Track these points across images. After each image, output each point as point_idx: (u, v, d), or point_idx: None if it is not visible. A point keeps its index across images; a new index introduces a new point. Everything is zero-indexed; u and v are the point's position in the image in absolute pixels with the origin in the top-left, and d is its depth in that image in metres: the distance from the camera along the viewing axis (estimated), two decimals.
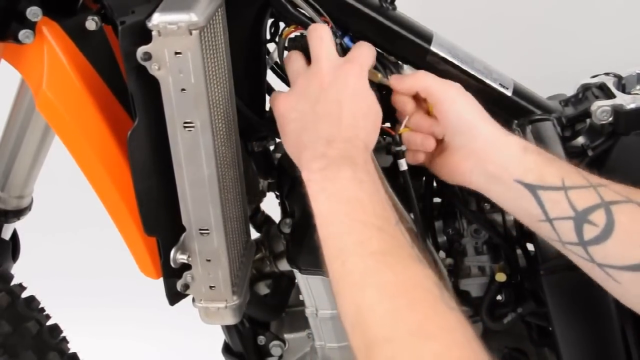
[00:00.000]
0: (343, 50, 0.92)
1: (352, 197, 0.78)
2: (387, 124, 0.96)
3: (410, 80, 0.92)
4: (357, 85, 0.86)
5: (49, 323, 1.11)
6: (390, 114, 0.95)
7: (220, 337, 1.24)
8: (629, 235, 0.80)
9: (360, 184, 0.79)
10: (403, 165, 0.94)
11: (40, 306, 1.11)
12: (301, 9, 0.93)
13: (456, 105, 0.89)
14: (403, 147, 0.94)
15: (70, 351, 1.14)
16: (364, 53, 0.90)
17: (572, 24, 1.87)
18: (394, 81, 0.92)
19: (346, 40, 0.94)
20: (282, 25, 1.01)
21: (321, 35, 0.89)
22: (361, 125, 0.85)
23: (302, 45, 0.94)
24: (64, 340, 1.13)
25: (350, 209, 0.77)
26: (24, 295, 1.10)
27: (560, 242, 0.84)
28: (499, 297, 1.08)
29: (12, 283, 1.10)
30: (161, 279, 0.94)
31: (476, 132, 0.88)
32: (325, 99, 0.85)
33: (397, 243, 0.75)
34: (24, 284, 1.12)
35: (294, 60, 0.92)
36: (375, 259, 0.73)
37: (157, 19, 0.77)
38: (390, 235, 0.76)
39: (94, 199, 0.93)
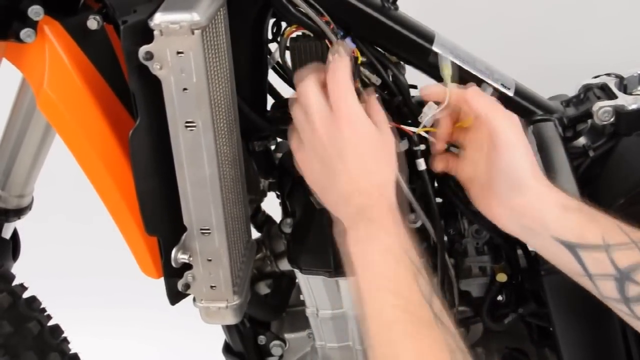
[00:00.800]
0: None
1: (370, 262, 0.80)
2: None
3: (463, 96, 0.89)
4: (352, 131, 0.84)
5: (50, 323, 1.11)
6: (403, 116, 0.94)
7: (220, 337, 1.24)
8: None
9: (375, 244, 0.80)
10: (421, 165, 0.94)
11: (42, 306, 1.11)
12: (302, 9, 0.93)
13: (513, 154, 0.85)
14: (421, 147, 0.94)
15: (71, 352, 1.14)
16: (339, 81, 0.85)
17: (574, 24, 1.87)
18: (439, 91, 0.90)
19: (348, 41, 0.94)
20: (284, 25, 1.01)
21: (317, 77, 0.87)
22: (372, 168, 0.84)
23: (302, 46, 0.94)
24: (65, 340, 1.13)
25: (369, 275, 0.79)
26: (25, 295, 1.10)
27: (601, 296, 0.83)
28: (499, 298, 1.08)
29: (14, 283, 1.10)
30: (162, 279, 0.94)
31: (524, 189, 0.85)
32: (330, 155, 0.84)
33: (412, 308, 0.76)
34: (25, 284, 1.12)
35: (296, 112, 0.88)
36: (390, 329, 0.76)
37: (159, 19, 0.77)
38: (406, 299, 0.77)
39: (94, 198, 0.93)
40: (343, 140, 0.84)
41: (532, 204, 0.85)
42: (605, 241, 0.81)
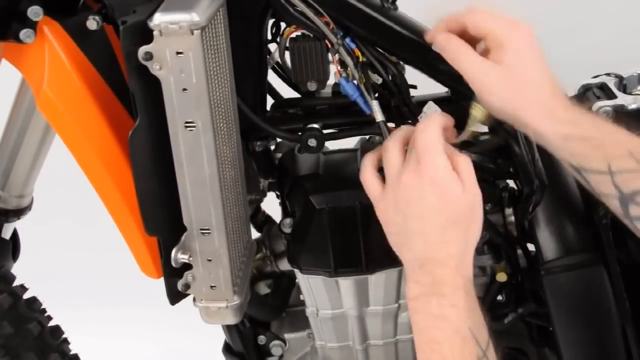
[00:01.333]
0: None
1: (434, 339, 0.79)
2: None
3: (465, 21, 0.87)
4: (437, 194, 0.81)
5: (50, 324, 1.11)
6: (403, 116, 0.95)
7: (220, 337, 1.24)
8: None
9: (443, 323, 0.79)
10: None
11: (42, 307, 1.11)
12: (302, 9, 0.93)
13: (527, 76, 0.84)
14: None
15: (72, 352, 1.14)
16: (428, 138, 0.82)
17: (573, 23, 1.87)
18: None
19: (347, 41, 0.94)
20: (283, 25, 1.01)
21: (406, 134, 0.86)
22: (451, 238, 0.81)
23: (302, 46, 0.94)
24: (65, 341, 1.13)
25: (429, 353, 0.79)
26: (26, 296, 1.10)
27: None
28: (499, 297, 1.08)
29: (14, 284, 1.10)
30: (162, 279, 0.94)
31: (523, 121, 0.85)
32: (411, 214, 0.82)
33: None
34: (25, 285, 1.12)
35: (391, 157, 0.85)
36: None
37: (159, 19, 0.77)
38: None
39: (94, 198, 0.93)
40: (426, 202, 0.81)
41: (535, 131, 0.85)
42: (610, 168, 0.82)
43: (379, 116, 0.92)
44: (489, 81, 0.84)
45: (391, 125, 0.96)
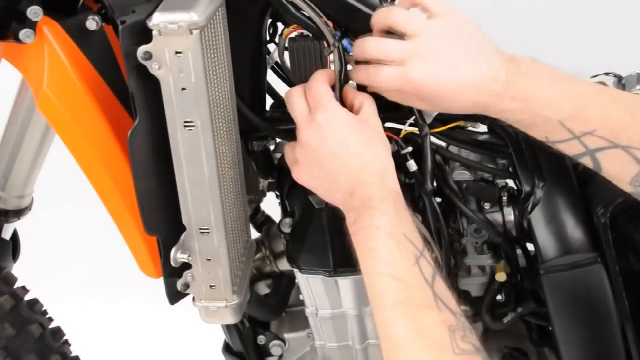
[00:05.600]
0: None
1: (371, 248, 0.82)
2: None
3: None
4: (333, 128, 0.86)
5: (51, 326, 1.11)
6: (391, 108, 0.95)
7: (220, 337, 1.24)
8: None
9: (377, 231, 0.82)
10: (412, 166, 0.95)
11: (43, 309, 1.11)
12: (301, 9, 0.93)
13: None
14: (409, 149, 0.94)
15: (72, 354, 1.14)
16: (313, 87, 0.89)
17: (572, 23, 1.87)
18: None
19: (345, 43, 0.94)
20: (280, 25, 1.01)
21: (305, 86, 0.90)
22: (367, 158, 0.86)
23: (301, 46, 0.95)
24: (66, 343, 1.13)
25: (370, 261, 0.82)
26: (27, 298, 1.10)
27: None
28: (499, 297, 1.08)
29: (15, 286, 1.10)
30: (161, 279, 0.94)
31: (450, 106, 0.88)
32: (323, 158, 0.87)
33: (412, 291, 0.79)
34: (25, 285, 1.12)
35: (296, 112, 0.90)
36: (390, 311, 0.79)
37: (158, 19, 0.77)
38: (406, 282, 0.80)
39: (94, 198, 0.93)
40: (328, 139, 0.86)
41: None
42: (548, 139, 0.87)
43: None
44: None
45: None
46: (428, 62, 0.84)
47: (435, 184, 1.03)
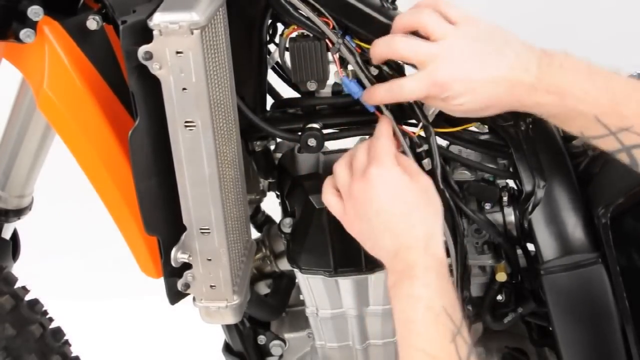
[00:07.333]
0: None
1: (409, 320, 0.81)
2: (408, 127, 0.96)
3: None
4: (384, 187, 0.86)
5: (52, 326, 1.11)
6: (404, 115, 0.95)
7: (220, 337, 1.24)
8: None
9: (416, 302, 0.81)
10: (427, 165, 0.95)
11: (44, 309, 1.11)
12: (301, 10, 0.93)
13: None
14: (424, 147, 0.94)
15: (73, 354, 1.14)
16: (382, 143, 0.89)
17: (572, 23, 1.87)
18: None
19: (348, 39, 0.94)
20: (280, 26, 1.01)
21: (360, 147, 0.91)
22: (414, 221, 0.85)
23: (301, 46, 0.95)
24: (67, 343, 1.13)
25: (407, 333, 0.81)
26: (28, 298, 1.10)
27: None
28: (499, 297, 1.08)
29: (16, 286, 1.10)
30: (162, 279, 0.94)
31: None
32: (370, 215, 0.86)
33: None
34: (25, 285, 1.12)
35: (339, 176, 0.91)
36: None
37: (159, 19, 0.77)
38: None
39: (95, 198, 0.93)
40: (380, 199, 0.85)
41: None
42: (583, 134, 0.86)
43: (387, 113, 0.94)
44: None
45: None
46: (454, 62, 0.84)
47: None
